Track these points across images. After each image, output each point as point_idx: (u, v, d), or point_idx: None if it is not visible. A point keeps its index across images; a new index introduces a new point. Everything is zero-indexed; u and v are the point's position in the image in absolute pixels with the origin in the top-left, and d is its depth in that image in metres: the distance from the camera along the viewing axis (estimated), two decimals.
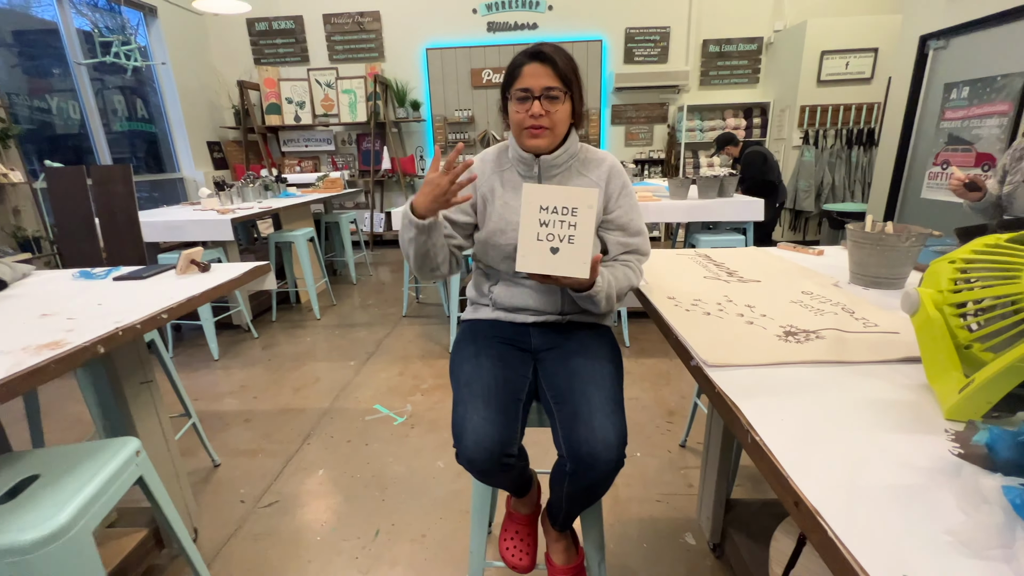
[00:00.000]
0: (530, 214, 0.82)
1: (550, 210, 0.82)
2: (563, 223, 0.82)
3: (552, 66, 0.95)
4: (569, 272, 0.83)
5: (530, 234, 0.83)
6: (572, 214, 0.82)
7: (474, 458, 0.81)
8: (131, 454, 0.87)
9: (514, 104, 0.98)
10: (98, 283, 1.24)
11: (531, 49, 0.97)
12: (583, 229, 0.82)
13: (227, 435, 1.98)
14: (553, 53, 0.95)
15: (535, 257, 0.83)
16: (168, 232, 2.73)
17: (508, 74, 0.99)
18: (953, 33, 3.14)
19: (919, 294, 0.59)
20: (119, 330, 0.91)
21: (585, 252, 0.82)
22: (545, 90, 0.94)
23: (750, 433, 0.52)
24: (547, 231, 0.82)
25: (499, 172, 1.06)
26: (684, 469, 1.69)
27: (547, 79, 0.94)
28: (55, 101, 3.71)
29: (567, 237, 0.82)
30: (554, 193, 0.82)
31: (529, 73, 0.95)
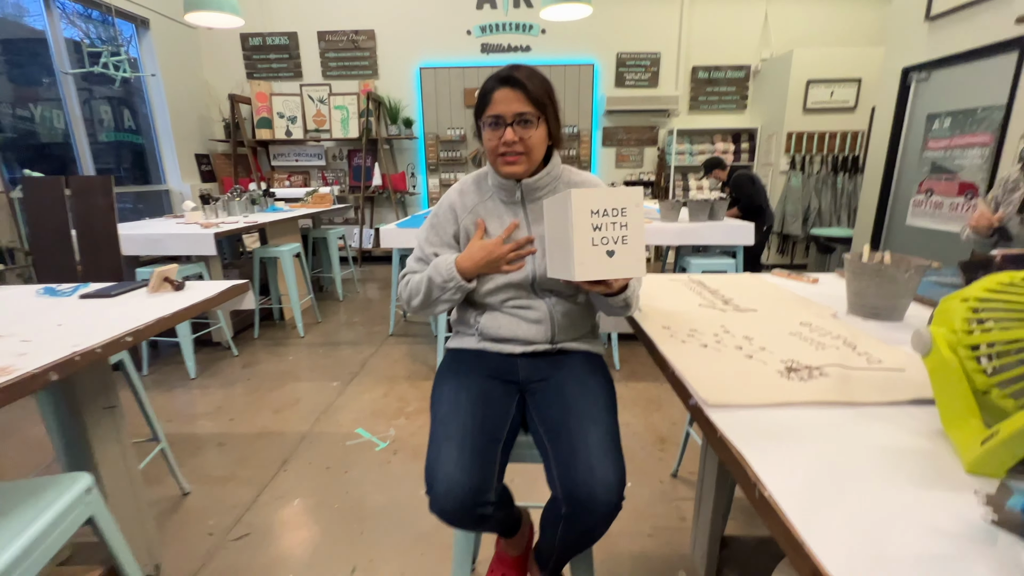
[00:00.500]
0: (582, 221, 0.80)
1: (600, 213, 0.80)
2: (615, 224, 0.80)
3: (523, 90, 0.91)
4: (628, 272, 0.82)
5: (584, 241, 0.80)
6: (622, 214, 0.80)
7: (445, 508, 0.75)
8: (81, 492, 0.79)
9: (487, 131, 0.95)
10: (63, 301, 1.17)
11: (501, 73, 0.93)
12: (635, 228, 0.81)
13: (199, 460, 1.88)
14: (524, 77, 0.92)
15: (593, 263, 0.81)
16: (148, 245, 2.65)
17: (479, 100, 0.96)
18: (934, 66, 3.23)
19: (932, 334, 0.55)
20: (76, 355, 0.84)
21: (639, 250, 0.81)
22: (517, 116, 0.91)
23: (758, 487, 0.48)
24: (601, 235, 0.80)
25: (482, 202, 1.03)
26: (676, 501, 1.63)
27: (519, 104, 0.91)
28: (39, 110, 3.64)
29: (620, 238, 0.81)
30: (602, 196, 0.81)
31: (500, 99, 0.92)
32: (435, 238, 1.05)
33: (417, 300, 1.00)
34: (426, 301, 0.99)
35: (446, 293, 0.96)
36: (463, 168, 5.37)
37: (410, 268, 1.06)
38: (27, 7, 3.62)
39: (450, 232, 1.05)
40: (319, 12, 5.02)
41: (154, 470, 1.78)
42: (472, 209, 1.02)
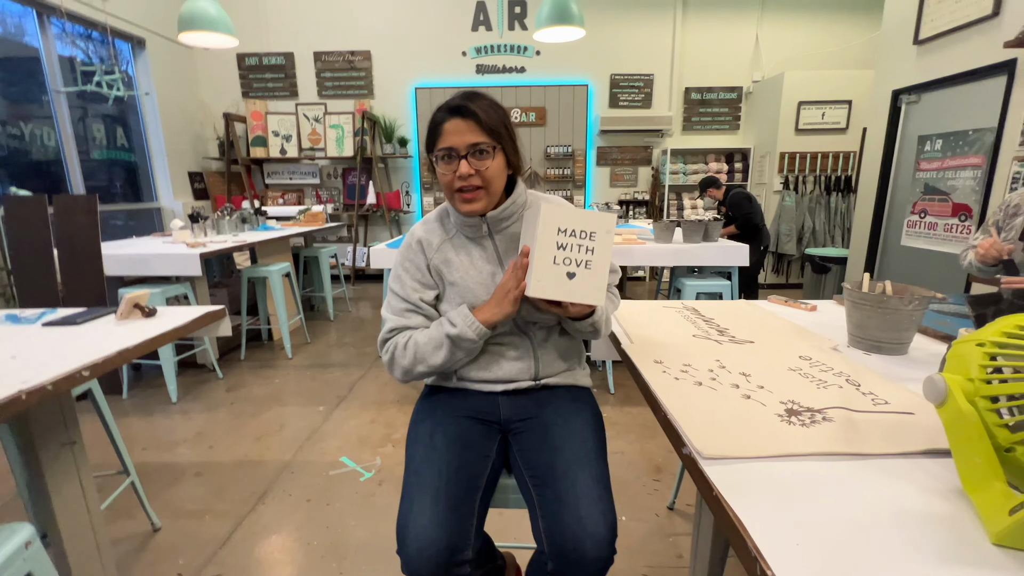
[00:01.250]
0: (547, 236, 0.78)
1: (568, 233, 0.78)
2: (581, 247, 0.79)
3: (475, 120, 0.84)
4: (584, 299, 0.80)
5: (546, 257, 0.79)
6: (591, 238, 0.79)
7: (418, 569, 0.69)
8: (18, 546, 0.72)
9: (440, 165, 0.88)
10: (24, 329, 1.11)
11: (451, 103, 0.87)
12: (600, 254, 0.79)
13: (174, 491, 1.80)
14: (476, 106, 0.85)
15: (550, 282, 0.79)
16: (133, 266, 2.59)
17: (429, 132, 0.89)
18: (924, 89, 3.26)
19: (946, 382, 0.50)
20: (23, 393, 0.78)
21: (601, 279, 0.80)
22: (471, 147, 0.84)
23: (760, 563, 0.42)
24: (564, 255, 0.79)
25: (448, 239, 0.96)
26: (673, 536, 1.55)
27: (471, 135, 0.84)
28: (29, 128, 3.61)
29: (584, 262, 0.79)
30: (573, 216, 0.79)
31: (451, 130, 0.85)
32: (412, 282, 0.95)
33: (433, 361, 0.88)
34: (448, 361, 0.89)
35: (469, 354, 0.91)
36: None
37: (396, 325, 0.93)
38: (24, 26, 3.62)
39: (422, 265, 0.95)
40: (315, 33, 5.07)
41: (124, 503, 1.70)
42: (439, 247, 0.95)
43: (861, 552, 0.43)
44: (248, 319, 3.27)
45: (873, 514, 0.48)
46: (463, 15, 5.00)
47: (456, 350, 0.88)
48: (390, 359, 0.92)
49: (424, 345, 0.89)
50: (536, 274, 0.79)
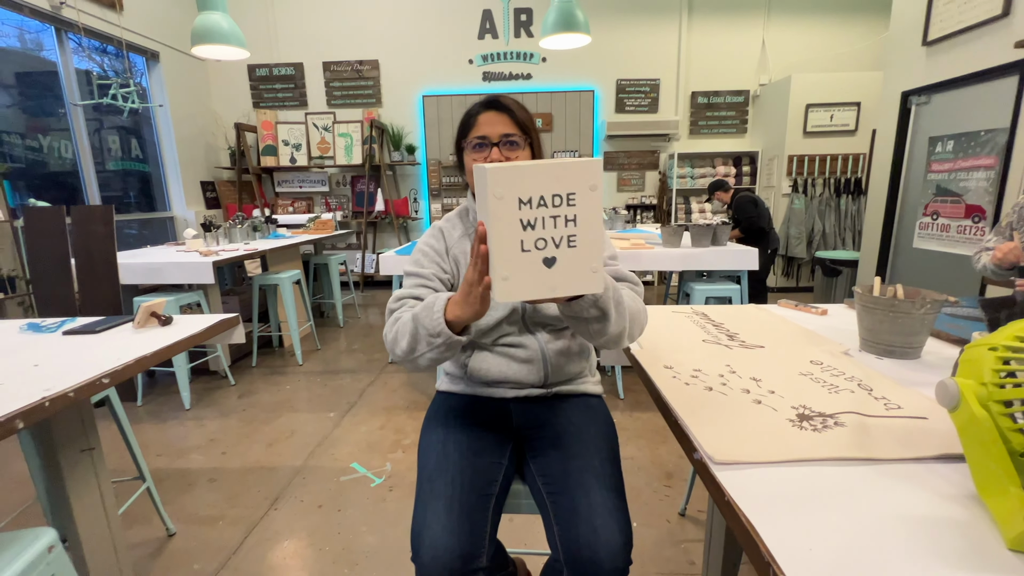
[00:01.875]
0: (504, 215, 0.55)
1: (534, 203, 0.56)
2: (557, 220, 0.56)
3: (509, 114, 0.90)
4: (576, 289, 0.59)
5: (509, 246, 0.56)
6: (569, 203, 0.56)
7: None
8: (41, 551, 0.74)
9: (471, 154, 0.91)
10: (45, 338, 1.14)
11: (485, 99, 0.92)
12: (588, 223, 0.57)
13: (188, 497, 1.82)
14: (509, 102, 0.91)
15: (523, 278, 0.57)
16: (147, 274, 2.63)
17: (463, 125, 0.93)
18: (934, 90, 3.23)
19: (959, 387, 0.50)
20: (46, 400, 0.80)
21: (594, 256, 0.58)
22: (503, 137, 0.88)
23: (773, 568, 0.42)
24: (535, 236, 0.57)
25: (467, 235, 0.98)
26: (685, 543, 1.54)
27: (504, 126, 0.89)
28: (47, 140, 3.70)
29: (566, 239, 0.57)
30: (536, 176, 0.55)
31: (485, 121, 0.90)
32: (431, 263, 0.93)
33: (401, 346, 0.79)
34: (410, 350, 0.77)
35: (433, 350, 0.75)
36: (465, 193, 5.38)
37: (405, 294, 0.89)
38: (43, 41, 3.72)
39: (441, 249, 0.96)
40: (324, 43, 5.15)
41: (140, 509, 1.72)
42: (459, 239, 0.98)
43: (875, 557, 0.43)
44: (259, 326, 3.31)
45: (887, 519, 0.48)
46: (469, 23, 5.06)
47: (418, 338, 0.75)
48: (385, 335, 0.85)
49: (404, 324, 0.79)
50: (500, 270, 0.57)
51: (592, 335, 0.75)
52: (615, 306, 0.73)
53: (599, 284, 0.60)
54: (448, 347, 0.74)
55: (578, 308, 0.69)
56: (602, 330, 0.73)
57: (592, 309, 0.70)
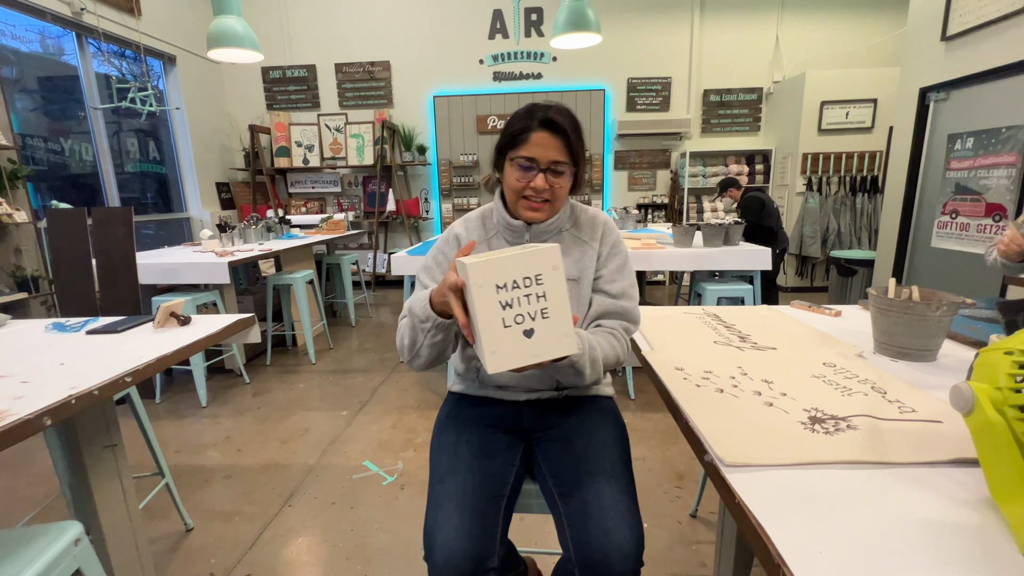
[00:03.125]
0: (486, 300, 0.66)
1: (509, 287, 0.66)
2: (530, 297, 0.67)
3: (564, 138, 0.85)
4: (554, 353, 0.68)
5: (493, 325, 0.66)
6: (537, 283, 0.67)
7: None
8: (69, 543, 0.77)
9: (514, 170, 0.87)
10: (69, 337, 1.17)
11: (541, 114, 0.85)
12: (555, 296, 0.67)
13: (205, 493, 1.86)
14: (566, 123, 0.85)
15: (508, 350, 0.67)
16: (164, 274, 2.69)
17: (511, 135, 0.88)
18: (953, 86, 3.17)
19: (973, 391, 0.50)
20: (72, 398, 0.83)
21: (565, 322, 0.68)
22: (552, 164, 0.85)
23: (783, 570, 0.42)
24: (513, 313, 0.67)
25: (486, 240, 0.98)
26: (696, 544, 1.54)
27: (556, 152, 0.85)
28: (68, 143, 3.79)
29: (539, 312, 0.67)
30: (507, 265, 0.66)
31: (537, 142, 0.84)
32: (438, 272, 0.96)
33: (405, 343, 0.86)
34: (412, 344, 0.84)
35: (426, 336, 0.81)
36: (476, 193, 5.41)
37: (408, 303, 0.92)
38: (63, 46, 3.82)
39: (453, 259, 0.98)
40: (337, 45, 5.20)
41: (158, 504, 1.76)
42: (477, 246, 0.98)
43: (887, 561, 0.43)
44: (273, 325, 3.36)
45: (899, 523, 0.48)
46: (480, 24, 5.07)
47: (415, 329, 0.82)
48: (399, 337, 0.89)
49: (405, 323, 0.86)
50: (488, 346, 0.66)
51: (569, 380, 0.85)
52: (590, 364, 0.81)
53: (573, 346, 0.70)
54: (438, 330, 0.79)
55: (558, 369, 0.79)
56: (578, 381, 0.84)
57: (570, 369, 0.79)
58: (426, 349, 0.83)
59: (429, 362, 0.86)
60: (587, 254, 0.94)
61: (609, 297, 0.92)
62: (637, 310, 0.94)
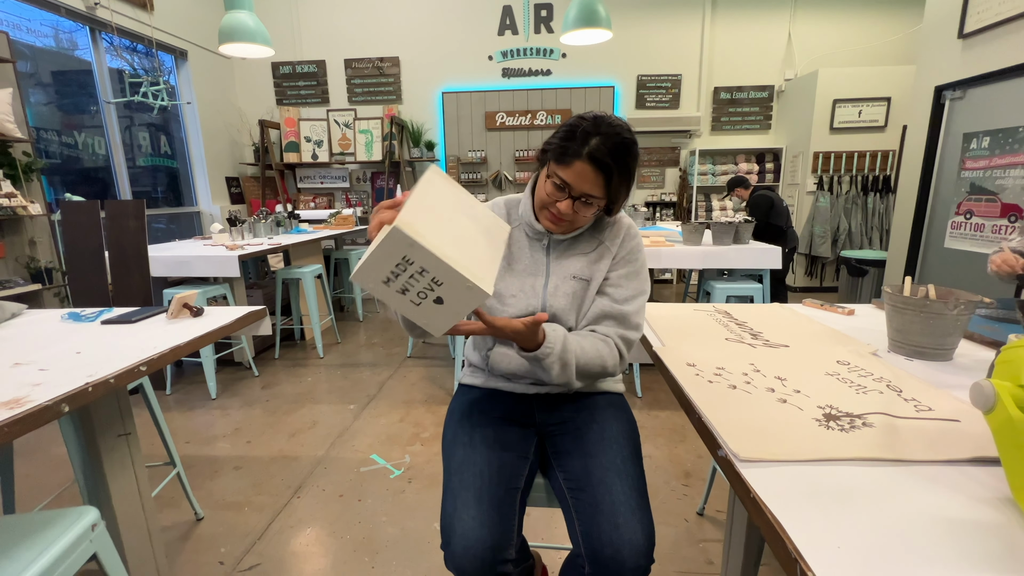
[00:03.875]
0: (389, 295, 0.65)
1: (392, 278, 0.64)
2: (414, 276, 0.64)
3: (605, 179, 0.82)
4: (471, 304, 0.65)
5: (408, 308, 0.66)
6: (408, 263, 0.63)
7: (464, 567, 0.70)
8: (85, 528, 0.78)
9: (547, 183, 0.86)
10: (85, 326, 1.19)
11: (595, 146, 0.80)
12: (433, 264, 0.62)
13: (215, 484, 1.88)
14: (614, 162, 0.81)
15: (437, 320, 0.66)
16: (176, 267, 2.71)
17: (560, 150, 0.83)
18: (970, 84, 3.12)
19: (994, 388, 0.49)
20: (89, 386, 0.84)
21: (459, 279, 0.63)
22: (584, 195, 0.84)
23: (800, 564, 0.42)
24: (415, 292, 0.65)
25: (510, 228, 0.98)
26: (703, 542, 1.53)
27: (592, 187, 0.83)
28: (82, 137, 3.84)
29: (432, 282, 0.63)
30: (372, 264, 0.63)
31: (578, 171, 0.81)
32: None
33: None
34: None
35: None
36: (483, 189, 5.41)
37: None
38: (77, 40, 3.85)
39: None
40: (346, 41, 5.21)
41: (170, 493, 1.78)
42: None
43: (906, 557, 0.43)
44: (282, 319, 3.38)
45: (918, 520, 0.48)
46: (489, 19, 5.06)
47: None
48: None
49: None
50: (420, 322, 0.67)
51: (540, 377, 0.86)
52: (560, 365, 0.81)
53: (486, 289, 0.64)
54: None
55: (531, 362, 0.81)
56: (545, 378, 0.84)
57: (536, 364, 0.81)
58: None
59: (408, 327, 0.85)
60: (603, 257, 0.94)
61: (609, 300, 0.92)
62: (639, 318, 0.92)
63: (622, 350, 0.89)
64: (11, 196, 2.88)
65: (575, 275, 0.92)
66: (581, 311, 0.92)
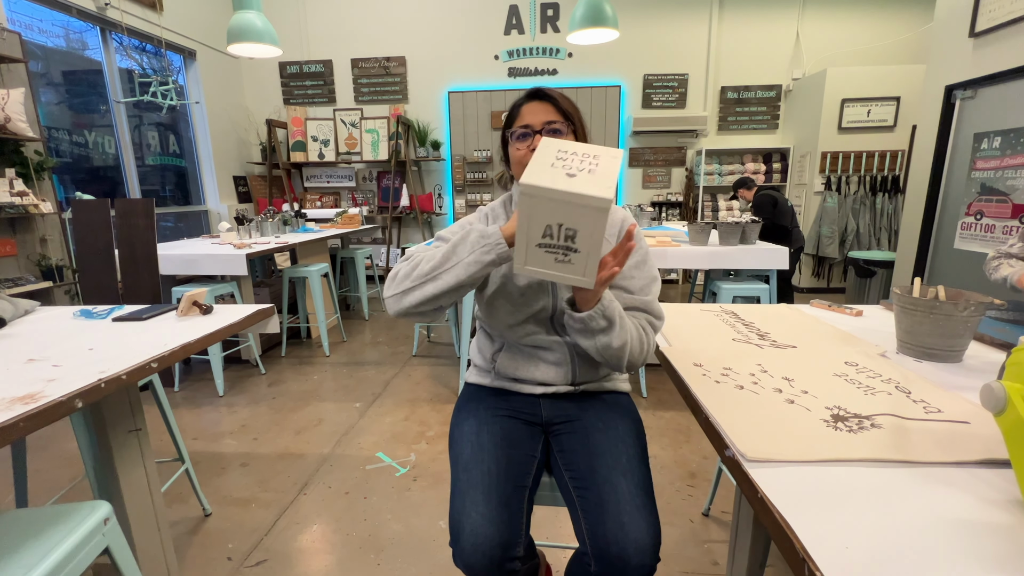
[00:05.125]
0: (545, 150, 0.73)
1: (567, 153, 0.73)
2: (584, 158, 0.72)
3: (552, 103, 0.93)
4: (591, 189, 0.67)
5: (543, 160, 0.72)
6: (594, 160, 0.71)
7: (473, 564, 0.71)
8: (98, 522, 0.79)
9: (515, 143, 0.94)
10: (97, 323, 1.20)
11: (529, 91, 0.96)
12: (605, 164, 0.71)
13: (222, 480, 1.89)
14: (552, 92, 0.94)
15: (547, 176, 0.69)
16: (184, 265, 2.74)
17: (508, 117, 0.97)
18: (980, 84, 3.09)
19: (1005, 390, 0.49)
20: (102, 382, 0.85)
21: (610, 179, 0.69)
22: (546, 124, 0.91)
23: (808, 564, 0.42)
24: (563, 163, 0.71)
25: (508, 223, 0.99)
26: (708, 543, 1.53)
27: (547, 114, 0.92)
28: (92, 136, 3.87)
29: (588, 168, 0.69)
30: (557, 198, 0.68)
31: (528, 111, 0.93)
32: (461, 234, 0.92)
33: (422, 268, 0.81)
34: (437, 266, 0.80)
35: (473, 253, 0.78)
36: (489, 189, 5.42)
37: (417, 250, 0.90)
38: (87, 40, 3.89)
39: None
40: (353, 40, 5.23)
41: (178, 489, 1.80)
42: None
43: (914, 558, 0.43)
44: (288, 317, 3.40)
45: (927, 522, 0.47)
46: (496, 19, 5.06)
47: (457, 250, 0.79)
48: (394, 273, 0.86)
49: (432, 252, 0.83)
50: (532, 168, 0.70)
51: (598, 349, 0.83)
52: (619, 319, 0.81)
53: (611, 192, 0.67)
54: (493, 249, 0.78)
55: (588, 321, 0.79)
56: (608, 343, 0.81)
57: (600, 320, 0.79)
58: (460, 269, 0.78)
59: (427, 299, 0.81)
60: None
61: (628, 293, 0.92)
62: (659, 306, 0.93)
63: (653, 335, 0.92)
64: (23, 194, 2.91)
65: None
66: None
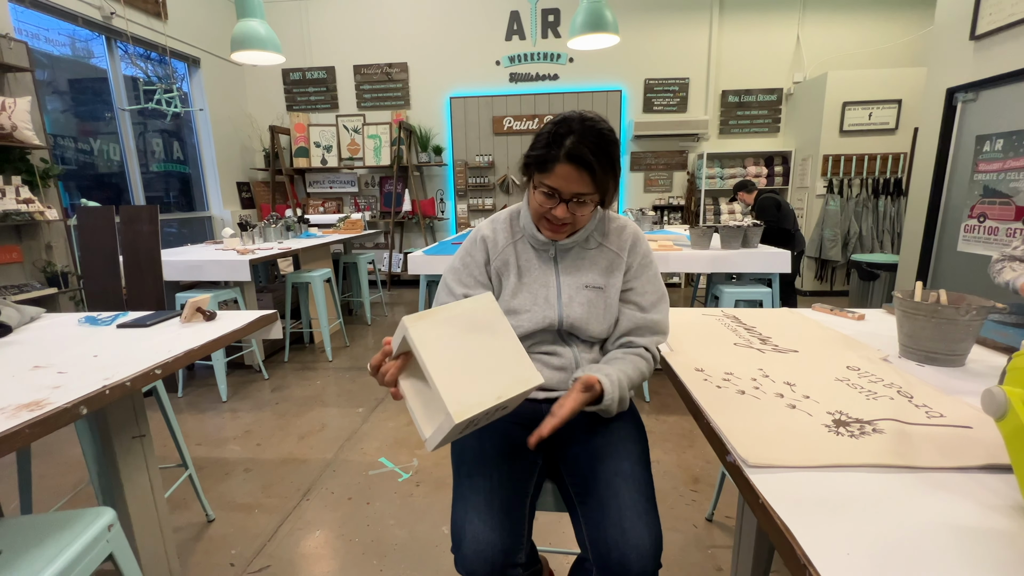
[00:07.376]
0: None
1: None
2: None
3: (590, 173, 0.81)
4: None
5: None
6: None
7: (475, 570, 0.71)
8: (102, 529, 0.80)
9: (537, 195, 0.87)
10: (101, 330, 1.21)
11: (570, 146, 0.80)
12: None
13: (226, 486, 1.90)
14: (594, 156, 0.80)
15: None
16: (188, 271, 2.75)
17: (538, 156, 0.84)
18: (982, 86, 3.08)
19: (1006, 395, 0.49)
20: (106, 389, 0.86)
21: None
22: (575, 196, 0.84)
23: (809, 571, 0.42)
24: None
25: (512, 243, 0.97)
26: (712, 548, 1.52)
27: (579, 185, 0.82)
28: (97, 143, 3.91)
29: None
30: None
31: (561, 174, 0.82)
32: (468, 278, 0.96)
33: None
34: None
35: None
36: (491, 193, 5.43)
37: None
38: (93, 49, 3.93)
39: (481, 262, 0.96)
40: (355, 47, 5.27)
41: (182, 495, 1.80)
42: (503, 248, 0.97)
43: (916, 564, 0.43)
44: (291, 323, 3.41)
45: (928, 527, 0.47)
46: (497, 25, 5.09)
47: None
48: None
49: None
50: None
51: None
52: (618, 404, 0.85)
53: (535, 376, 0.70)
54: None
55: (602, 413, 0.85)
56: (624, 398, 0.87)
57: (613, 407, 0.84)
58: None
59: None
60: (615, 265, 0.94)
61: (640, 311, 0.93)
62: (667, 319, 0.95)
63: (656, 355, 0.94)
64: (29, 201, 2.94)
65: (588, 284, 0.92)
66: (603, 319, 0.93)
